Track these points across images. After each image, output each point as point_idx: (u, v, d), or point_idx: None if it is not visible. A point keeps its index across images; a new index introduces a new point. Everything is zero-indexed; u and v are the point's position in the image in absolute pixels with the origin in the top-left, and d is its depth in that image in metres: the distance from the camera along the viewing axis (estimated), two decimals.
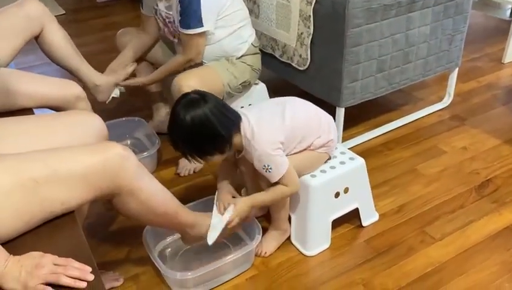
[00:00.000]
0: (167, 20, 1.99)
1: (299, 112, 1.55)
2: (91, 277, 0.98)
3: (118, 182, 1.17)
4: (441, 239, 1.70)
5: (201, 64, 1.99)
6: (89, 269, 1.00)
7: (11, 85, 1.56)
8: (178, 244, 1.68)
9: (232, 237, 1.69)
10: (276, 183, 1.51)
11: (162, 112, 2.29)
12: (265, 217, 1.72)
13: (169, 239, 1.69)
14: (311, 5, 1.96)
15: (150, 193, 1.26)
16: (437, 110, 2.48)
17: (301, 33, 2.07)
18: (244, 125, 1.47)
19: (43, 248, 1.03)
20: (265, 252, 1.65)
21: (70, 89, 1.66)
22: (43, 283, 0.95)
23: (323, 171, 1.62)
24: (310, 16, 1.99)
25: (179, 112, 1.39)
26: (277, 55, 2.27)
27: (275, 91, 2.26)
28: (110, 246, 1.72)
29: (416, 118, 2.42)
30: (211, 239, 1.47)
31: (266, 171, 1.47)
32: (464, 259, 1.62)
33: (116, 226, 1.83)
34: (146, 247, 1.53)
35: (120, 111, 2.40)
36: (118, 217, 1.85)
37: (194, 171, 2.08)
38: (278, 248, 1.68)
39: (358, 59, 1.96)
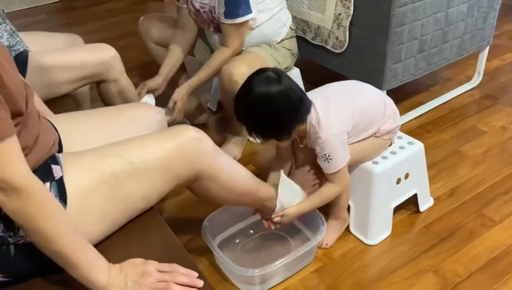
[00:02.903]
0: (202, 10, 1.88)
1: (365, 99, 1.49)
2: (201, 283, 0.91)
3: (197, 166, 1.10)
4: (501, 221, 1.67)
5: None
6: (195, 273, 0.93)
7: (46, 63, 1.50)
8: (234, 239, 1.61)
9: (290, 229, 1.63)
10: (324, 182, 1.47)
11: (192, 103, 2.19)
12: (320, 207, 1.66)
13: (225, 233, 1.62)
14: None
15: (230, 173, 1.20)
16: (467, 90, 2.44)
17: (339, 14, 1.99)
18: (310, 112, 1.39)
19: (138, 253, 0.95)
20: (327, 244, 1.59)
21: (104, 50, 1.62)
22: None
23: (384, 158, 1.57)
24: None
25: (250, 85, 1.32)
26: (309, 38, 2.19)
27: (306, 75, 2.18)
28: None
29: (448, 98, 2.38)
30: None
31: (325, 160, 1.41)
32: None
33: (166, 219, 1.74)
34: (208, 243, 1.45)
35: None
36: (165, 211, 1.76)
37: None
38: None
39: (401, 40, 1.90)
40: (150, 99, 1.90)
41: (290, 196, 1.46)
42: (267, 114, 1.32)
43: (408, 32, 1.90)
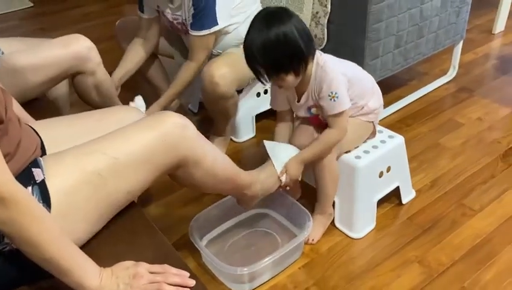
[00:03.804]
0: (175, 21, 1.89)
1: (358, 68, 1.58)
2: (192, 282, 0.91)
3: (182, 152, 1.09)
4: (480, 210, 1.71)
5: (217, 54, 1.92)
6: (187, 273, 0.93)
7: (18, 64, 1.46)
8: (222, 238, 1.62)
9: (276, 226, 1.65)
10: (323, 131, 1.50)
11: (174, 104, 2.19)
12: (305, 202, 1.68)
13: (212, 233, 1.62)
14: None
15: (214, 158, 1.20)
16: (444, 84, 2.50)
17: (316, 12, 2.01)
18: (317, 55, 1.44)
19: (128, 256, 0.95)
20: (313, 239, 1.61)
21: (79, 42, 1.56)
22: None
23: (366, 152, 1.59)
24: None
25: (262, 25, 1.32)
26: None
27: None
28: None
29: (425, 92, 2.43)
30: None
31: (331, 99, 1.42)
32: (508, 228, 1.64)
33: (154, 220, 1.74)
34: (195, 243, 1.45)
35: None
36: (152, 211, 1.76)
37: None
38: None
39: (379, 36, 1.93)
40: (140, 102, 1.90)
41: (279, 151, 1.50)
42: (287, 49, 1.32)
43: (385, 28, 1.94)
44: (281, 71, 1.36)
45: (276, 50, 1.32)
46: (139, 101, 1.86)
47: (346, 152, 1.58)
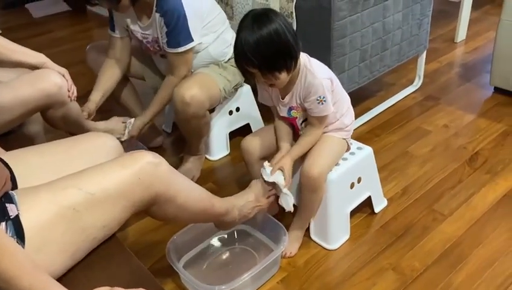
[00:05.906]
0: (145, 40, 1.91)
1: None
2: None
3: (155, 190, 1.12)
4: (450, 215, 1.77)
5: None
6: None
7: None
8: (199, 258, 1.63)
9: (254, 243, 1.67)
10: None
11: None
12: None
13: (190, 253, 1.63)
14: (292, 1, 1.97)
15: (186, 194, 1.23)
16: (410, 93, 2.57)
17: None
18: (304, 58, 1.48)
19: (103, 282, 0.96)
20: (291, 252, 1.64)
21: (50, 79, 1.55)
22: None
23: (337, 164, 1.63)
24: (292, 12, 1.99)
25: (253, 25, 1.35)
26: None
27: (256, 92, 2.24)
28: None
29: (393, 102, 2.50)
30: (289, 207, 1.55)
31: (319, 103, 1.47)
32: (477, 230, 1.69)
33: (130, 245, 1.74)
34: (173, 264, 1.46)
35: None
36: (127, 235, 1.76)
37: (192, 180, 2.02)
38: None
39: (344, 51, 1.99)
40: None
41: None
42: (281, 46, 1.35)
43: (349, 43, 2.00)
44: (274, 69, 1.38)
45: (269, 47, 1.35)
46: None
47: None
